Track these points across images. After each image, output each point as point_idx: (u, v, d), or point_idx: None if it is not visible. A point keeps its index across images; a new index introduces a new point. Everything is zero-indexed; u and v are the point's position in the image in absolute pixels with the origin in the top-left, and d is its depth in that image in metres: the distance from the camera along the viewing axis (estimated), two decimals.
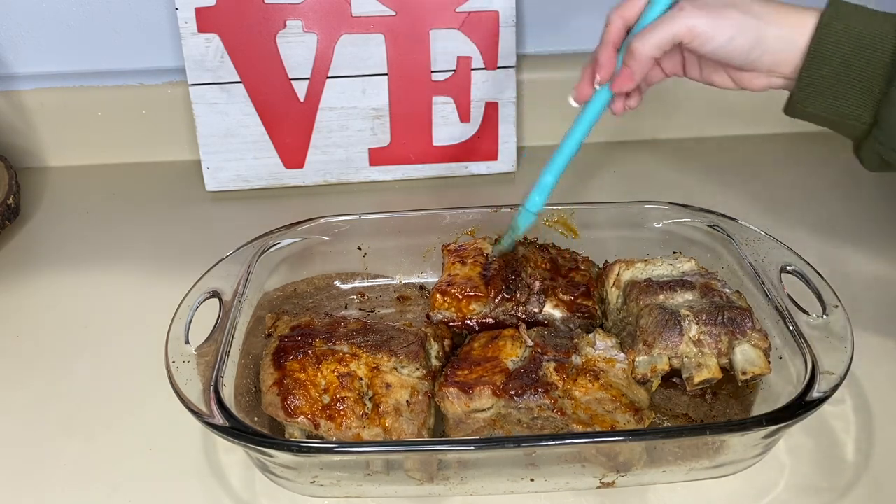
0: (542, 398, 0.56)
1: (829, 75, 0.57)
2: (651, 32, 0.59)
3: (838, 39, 0.56)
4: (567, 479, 0.57)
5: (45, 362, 0.72)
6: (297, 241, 0.74)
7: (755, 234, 0.70)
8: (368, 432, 0.57)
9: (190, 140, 1.00)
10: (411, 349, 0.61)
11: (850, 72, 0.56)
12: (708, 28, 0.58)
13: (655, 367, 0.59)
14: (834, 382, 0.54)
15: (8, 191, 0.89)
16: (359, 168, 0.98)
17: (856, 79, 0.56)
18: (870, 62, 0.56)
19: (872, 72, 0.56)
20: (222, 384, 0.57)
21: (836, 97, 0.57)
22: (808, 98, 0.59)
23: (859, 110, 0.57)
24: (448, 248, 0.72)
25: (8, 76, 0.99)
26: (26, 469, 0.62)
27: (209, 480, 0.61)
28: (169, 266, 0.84)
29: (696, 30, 0.58)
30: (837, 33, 0.56)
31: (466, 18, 0.92)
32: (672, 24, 0.58)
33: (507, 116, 0.97)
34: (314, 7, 0.91)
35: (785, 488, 0.59)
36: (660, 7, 0.60)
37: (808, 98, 0.59)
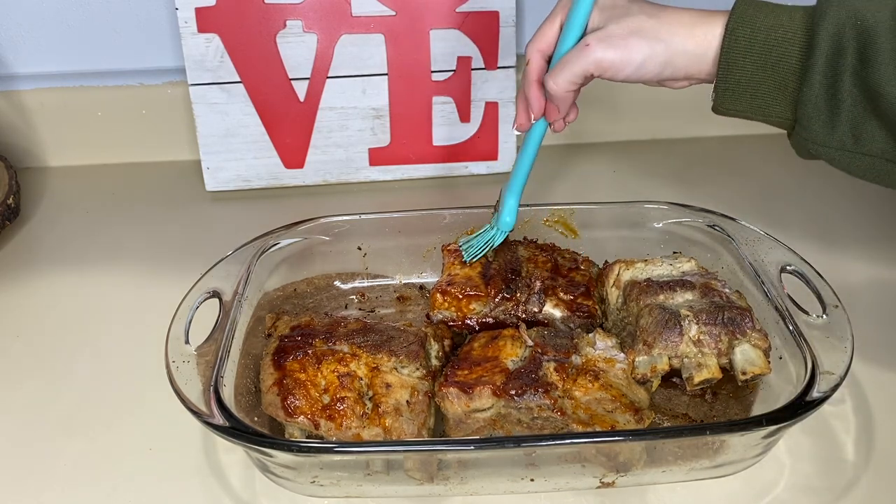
0: (542, 398, 0.56)
1: (744, 79, 0.56)
2: (561, 71, 0.59)
3: (748, 45, 0.55)
4: (567, 479, 0.57)
5: (45, 362, 0.72)
6: (297, 241, 0.74)
7: (755, 234, 0.70)
8: (368, 432, 0.57)
9: (190, 140, 1.00)
10: (411, 349, 0.61)
11: (763, 74, 0.56)
12: (616, 61, 0.58)
13: (655, 367, 0.59)
14: (834, 382, 0.54)
15: (8, 191, 0.89)
16: (359, 168, 0.98)
17: (770, 80, 0.56)
18: (780, 63, 0.55)
19: (785, 72, 0.55)
20: (222, 384, 0.57)
21: (755, 98, 0.57)
22: (729, 100, 0.58)
23: (780, 108, 0.57)
24: (448, 248, 0.72)
25: (8, 76, 0.99)
26: (26, 469, 0.62)
27: (209, 480, 0.61)
28: (169, 266, 0.84)
29: (603, 64, 0.58)
30: (746, 38, 0.55)
31: (466, 18, 0.92)
32: (580, 62, 0.58)
33: (507, 116, 0.97)
34: (314, 7, 0.91)
35: (785, 488, 0.59)
36: (571, 37, 0.60)
37: (729, 100, 0.58)
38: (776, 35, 0.54)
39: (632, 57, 0.57)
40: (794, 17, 0.55)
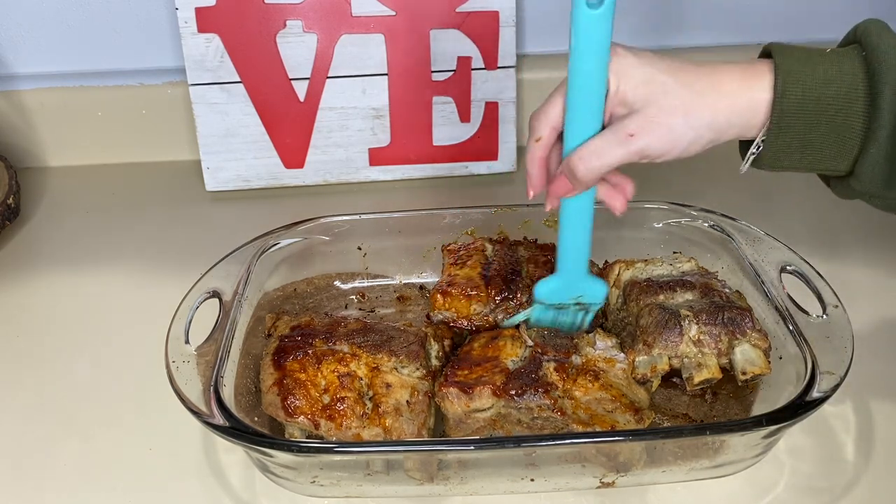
0: (542, 398, 0.56)
1: (797, 139, 0.53)
2: (598, 158, 0.53)
3: (800, 105, 0.52)
4: (567, 479, 0.57)
5: (45, 362, 0.72)
6: (297, 241, 0.74)
7: (755, 234, 0.70)
8: (368, 432, 0.57)
9: (190, 140, 1.00)
10: (411, 349, 0.61)
11: (818, 132, 0.52)
12: (662, 149, 0.53)
13: (655, 367, 0.59)
14: (834, 382, 0.54)
15: (8, 191, 0.89)
16: (359, 168, 0.98)
17: (827, 137, 0.52)
18: (838, 120, 0.52)
19: (844, 130, 0.52)
20: (222, 384, 0.57)
21: (807, 154, 0.54)
22: (777, 160, 0.55)
23: (835, 163, 0.54)
24: (448, 248, 0.72)
25: (8, 76, 0.99)
26: (26, 469, 0.62)
27: (209, 480, 0.61)
28: (169, 266, 0.84)
29: (647, 152, 0.53)
30: (798, 99, 0.52)
31: (466, 18, 0.92)
32: (620, 151, 0.53)
33: (507, 116, 0.97)
34: (314, 7, 0.91)
35: (785, 488, 0.59)
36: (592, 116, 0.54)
37: (777, 160, 0.55)
38: (831, 92, 0.51)
39: (678, 143, 0.53)
40: (843, 68, 0.51)
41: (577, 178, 0.55)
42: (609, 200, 0.58)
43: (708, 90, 0.53)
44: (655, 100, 0.52)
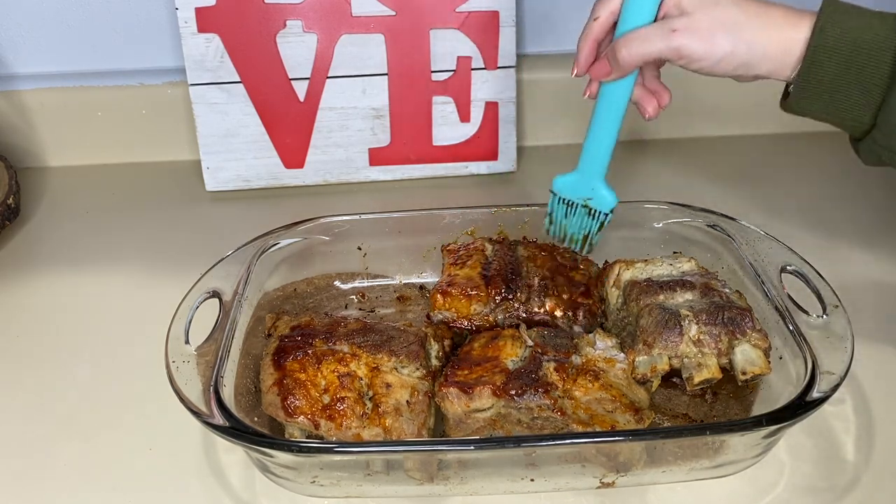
0: (542, 398, 0.56)
1: (826, 80, 0.56)
2: (639, 44, 0.59)
3: (836, 45, 0.55)
4: (567, 479, 0.57)
5: (45, 362, 0.72)
6: (297, 241, 0.74)
7: (755, 234, 0.70)
8: (368, 432, 0.57)
9: (190, 140, 1.00)
10: (411, 349, 0.61)
11: (848, 76, 0.55)
12: (696, 53, 0.58)
13: (655, 367, 0.59)
14: (834, 382, 0.54)
15: (8, 191, 0.89)
16: (359, 168, 0.98)
17: (855, 83, 0.56)
18: (868, 67, 0.55)
19: (871, 76, 0.55)
20: (222, 384, 0.57)
21: (835, 100, 0.57)
22: (806, 100, 0.58)
23: (859, 112, 0.56)
24: (448, 248, 0.73)
25: (8, 76, 0.99)
26: (26, 469, 0.62)
27: (209, 480, 0.61)
28: (169, 266, 0.84)
29: (683, 52, 0.58)
30: (835, 38, 0.55)
31: (466, 18, 0.92)
32: (660, 43, 0.58)
33: (507, 116, 0.97)
34: (314, 7, 0.91)
35: (785, 488, 0.59)
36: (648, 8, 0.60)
37: (806, 100, 0.58)
38: (866, 37, 0.54)
39: (713, 52, 0.57)
40: (885, 21, 0.54)
41: (617, 60, 0.60)
42: (642, 103, 0.65)
43: (756, 15, 0.57)
44: (706, 8, 0.57)
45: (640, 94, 0.65)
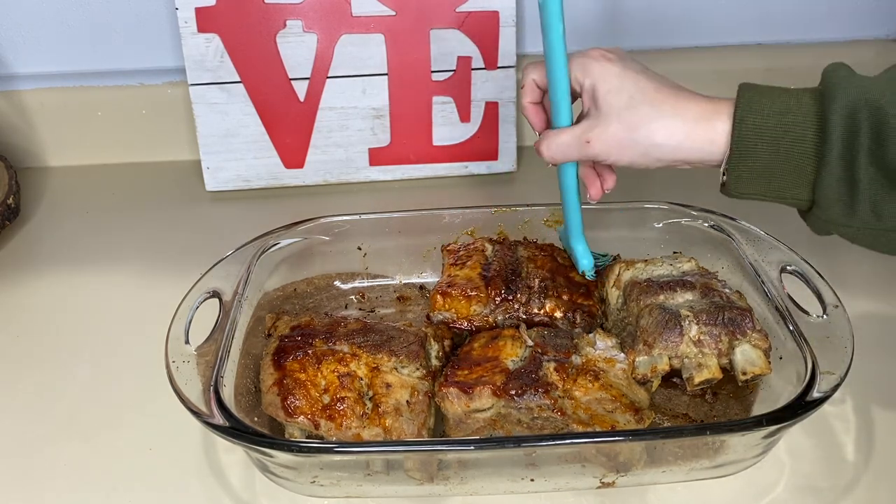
0: (542, 398, 0.56)
1: (757, 166, 0.55)
2: (557, 148, 0.60)
3: (758, 132, 0.54)
4: (567, 479, 0.57)
5: (45, 362, 0.72)
6: (297, 241, 0.74)
7: (755, 234, 0.70)
8: (368, 432, 0.57)
9: (190, 140, 1.00)
10: (411, 349, 0.61)
11: (777, 159, 0.54)
12: (612, 158, 0.59)
13: (655, 367, 0.59)
14: (834, 382, 0.54)
15: (8, 191, 0.89)
16: (359, 168, 0.98)
17: (785, 165, 0.54)
18: (795, 148, 0.53)
19: (800, 157, 0.54)
20: (222, 384, 0.57)
21: (771, 182, 0.55)
22: (743, 186, 0.56)
23: (796, 191, 0.55)
24: (448, 249, 0.72)
25: (8, 76, 0.99)
26: (26, 469, 0.62)
27: (209, 480, 0.61)
28: (169, 266, 0.84)
29: (600, 158, 0.59)
30: (756, 126, 0.54)
31: (466, 18, 0.92)
32: (576, 151, 0.59)
33: (507, 116, 0.97)
34: (314, 7, 0.91)
35: (785, 488, 0.59)
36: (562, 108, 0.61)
37: (743, 186, 0.56)
38: (787, 120, 0.53)
39: (628, 157, 0.58)
40: (801, 100, 0.54)
41: (546, 156, 0.62)
42: (586, 182, 0.65)
43: (670, 113, 0.56)
44: (618, 112, 0.57)
45: (585, 174, 0.65)
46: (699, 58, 1.00)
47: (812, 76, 0.57)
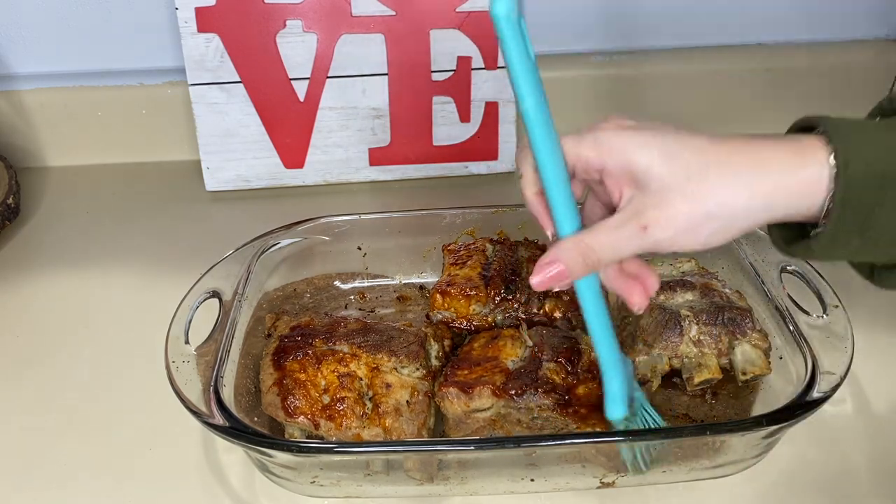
0: (541, 398, 0.56)
1: (858, 221, 0.43)
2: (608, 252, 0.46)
3: (864, 179, 0.42)
4: (567, 479, 0.57)
5: (45, 362, 0.72)
6: (297, 241, 0.74)
7: (755, 234, 0.70)
8: (368, 432, 0.57)
9: (190, 140, 1.00)
10: (411, 349, 0.61)
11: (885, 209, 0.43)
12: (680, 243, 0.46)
13: (655, 368, 0.59)
14: (834, 382, 0.54)
15: (8, 191, 0.89)
16: (359, 168, 0.98)
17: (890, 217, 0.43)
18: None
19: None
20: (222, 384, 0.57)
21: (867, 240, 0.44)
22: (832, 248, 0.45)
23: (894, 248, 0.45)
24: (448, 248, 0.73)
25: (8, 76, 0.99)
26: (26, 469, 0.62)
27: (209, 480, 0.61)
28: (169, 266, 0.84)
29: (662, 246, 0.46)
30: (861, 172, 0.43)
31: (466, 18, 0.92)
32: (634, 244, 0.46)
33: (507, 116, 0.97)
34: (314, 7, 0.91)
35: (785, 488, 0.59)
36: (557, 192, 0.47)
37: (832, 248, 0.45)
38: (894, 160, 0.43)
39: (698, 236, 0.45)
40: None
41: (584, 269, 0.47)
42: (626, 293, 0.50)
43: (746, 168, 0.44)
44: (677, 182, 0.44)
45: (621, 285, 0.50)
46: (699, 58, 1.00)
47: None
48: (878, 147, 0.43)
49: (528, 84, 0.47)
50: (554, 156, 0.46)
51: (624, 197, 0.46)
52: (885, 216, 0.43)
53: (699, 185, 0.44)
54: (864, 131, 0.44)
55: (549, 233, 0.50)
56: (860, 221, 0.44)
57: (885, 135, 0.44)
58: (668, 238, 0.45)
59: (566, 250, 0.47)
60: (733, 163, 0.44)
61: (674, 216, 0.44)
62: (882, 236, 0.44)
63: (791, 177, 0.44)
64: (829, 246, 0.45)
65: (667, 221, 0.44)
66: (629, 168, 0.45)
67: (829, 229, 0.44)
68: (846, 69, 1.00)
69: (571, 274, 0.47)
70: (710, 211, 0.44)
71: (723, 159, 0.44)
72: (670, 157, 0.44)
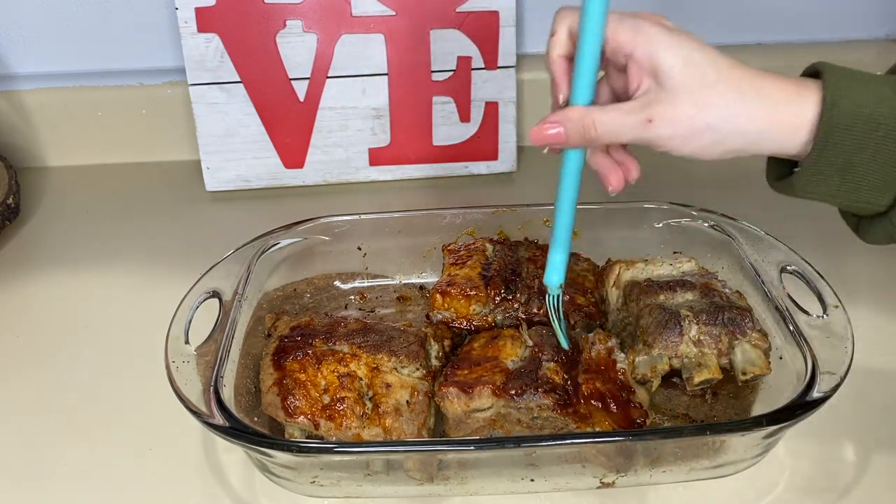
0: (541, 398, 0.56)
1: (840, 161, 0.47)
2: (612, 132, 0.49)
3: (850, 122, 0.46)
4: (567, 479, 0.57)
5: (45, 362, 0.72)
6: (297, 241, 0.74)
7: (755, 234, 0.70)
8: (368, 432, 0.57)
9: (190, 140, 1.00)
10: (411, 349, 0.61)
11: (864, 156, 0.47)
12: (677, 144, 0.49)
13: (655, 367, 0.59)
14: (834, 382, 0.54)
15: (8, 191, 0.89)
16: (359, 168, 0.98)
17: (870, 162, 0.47)
18: (888, 145, 0.46)
19: (892, 155, 0.47)
20: (222, 384, 0.57)
21: (846, 182, 0.48)
22: (814, 183, 0.49)
23: (875, 195, 0.48)
24: (448, 248, 0.73)
25: (8, 76, 0.99)
26: (26, 469, 0.62)
27: (209, 480, 0.61)
28: (169, 266, 0.84)
29: (658, 143, 0.49)
30: (848, 115, 0.47)
31: (466, 18, 0.92)
32: (634, 132, 0.49)
33: (507, 116, 0.97)
34: (314, 7, 0.91)
35: (785, 488, 0.59)
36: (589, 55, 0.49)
37: (814, 183, 0.49)
38: (882, 111, 0.46)
39: (695, 142, 0.49)
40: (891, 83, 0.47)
41: (582, 141, 0.50)
42: (604, 172, 0.54)
43: (751, 94, 0.48)
44: (690, 88, 0.48)
45: (603, 164, 0.54)
46: None
47: None
48: (868, 94, 0.47)
49: None
50: (599, 25, 0.48)
51: (642, 87, 0.49)
52: (866, 161, 0.47)
53: (708, 96, 0.48)
54: (858, 79, 0.48)
55: (560, 95, 0.52)
56: (841, 162, 0.47)
57: (877, 85, 0.47)
58: (667, 136, 0.49)
59: (572, 119, 0.50)
60: (742, 88, 0.48)
61: (679, 117, 0.48)
62: (863, 180, 0.48)
63: (784, 110, 0.48)
64: (809, 181, 0.49)
65: (671, 120, 0.48)
66: (654, 62, 0.48)
67: (810, 164, 0.48)
68: None
69: (568, 141, 0.50)
70: (710, 122, 0.48)
71: (734, 82, 0.48)
72: (692, 64, 0.48)
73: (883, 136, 0.47)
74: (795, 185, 0.50)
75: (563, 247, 0.57)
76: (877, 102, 0.47)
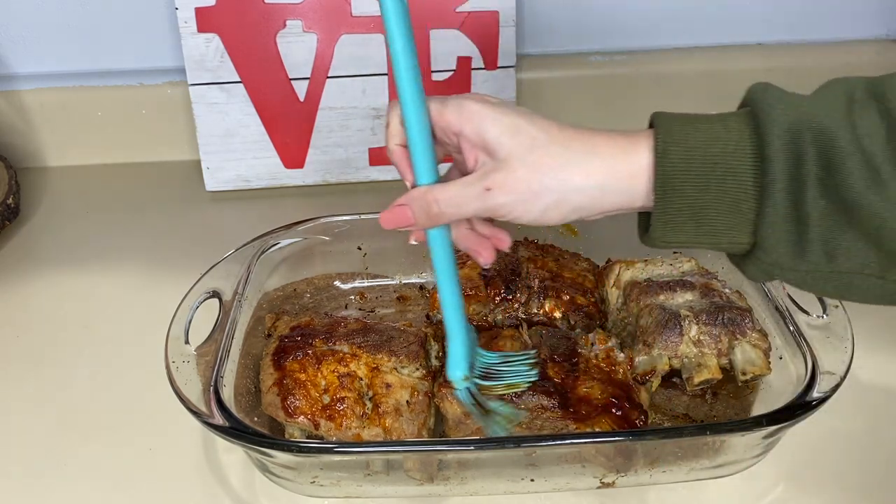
0: (541, 398, 0.56)
1: (685, 206, 0.46)
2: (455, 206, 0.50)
3: (685, 166, 0.46)
4: (567, 479, 0.57)
5: (45, 362, 0.72)
6: (297, 241, 0.74)
7: None
8: (368, 432, 0.57)
9: (190, 140, 1.00)
10: (411, 349, 0.61)
11: (708, 196, 0.46)
12: (518, 212, 0.49)
13: (655, 367, 0.59)
14: (834, 382, 0.54)
15: (8, 191, 0.89)
16: (359, 168, 0.98)
17: (717, 204, 0.46)
18: (728, 183, 0.45)
19: (736, 192, 0.45)
20: (222, 384, 0.57)
21: (702, 226, 0.47)
22: (670, 232, 0.47)
23: (732, 234, 0.46)
24: None
25: (8, 76, 0.99)
26: (27, 469, 0.62)
27: (209, 480, 0.61)
28: (169, 266, 0.84)
29: (501, 211, 0.49)
30: (681, 159, 0.46)
31: (466, 18, 0.92)
32: (475, 204, 0.49)
33: None
34: (314, 7, 0.91)
35: (785, 488, 0.59)
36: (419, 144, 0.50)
37: (670, 232, 0.47)
38: (716, 150, 0.45)
39: (536, 205, 0.48)
40: (728, 126, 0.46)
41: (427, 219, 0.51)
42: (473, 248, 0.54)
43: (583, 150, 0.48)
44: (520, 154, 0.48)
45: (471, 241, 0.54)
46: (698, 58, 1.00)
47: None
48: (699, 136, 0.46)
49: (399, 27, 0.50)
50: (419, 108, 0.49)
51: (479, 162, 0.50)
52: (714, 202, 0.46)
53: (540, 157, 0.48)
54: (690, 123, 0.47)
55: (408, 182, 0.54)
56: (689, 207, 0.46)
57: (709, 125, 0.46)
58: (509, 202, 0.48)
59: (415, 198, 0.51)
60: (573, 146, 0.48)
61: (515, 181, 0.48)
62: (716, 222, 0.46)
63: (621, 162, 0.47)
64: (664, 231, 0.48)
65: (509, 185, 0.48)
66: (482, 136, 0.49)
67: (659, 213, 0.47)
68: (846, 69, 0.99)
69: (416, 221, 0.52)
70: (546, 183, 0.48)
71: (565, 142, 0.48)
72: (518, 131, 0.48)
73: (722, 174, 0.45)
74: (653, 237, 0.48)
75: (459, 334, 0.54)
76: (708, 144, 0.46)
